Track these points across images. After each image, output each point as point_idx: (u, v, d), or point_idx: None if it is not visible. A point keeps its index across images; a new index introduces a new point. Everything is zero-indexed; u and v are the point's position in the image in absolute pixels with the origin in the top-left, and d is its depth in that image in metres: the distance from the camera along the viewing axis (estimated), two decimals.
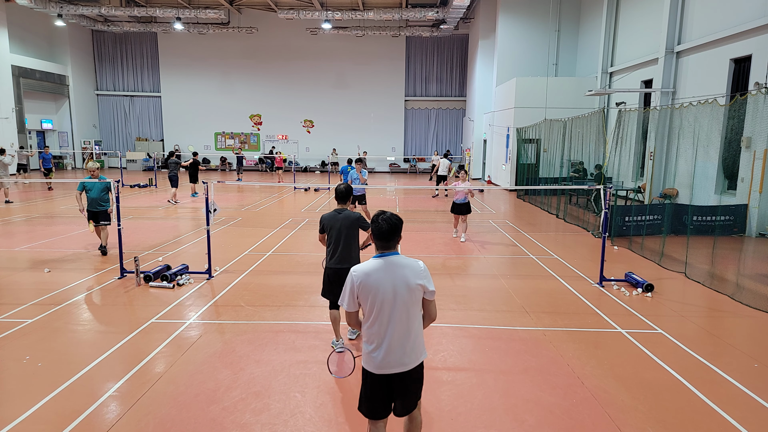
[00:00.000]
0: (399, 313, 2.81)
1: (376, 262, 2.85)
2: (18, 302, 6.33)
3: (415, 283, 2.82)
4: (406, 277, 2.81)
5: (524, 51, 22.39)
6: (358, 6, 25.25)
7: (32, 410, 3.90)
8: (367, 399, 2.94)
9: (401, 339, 2.82)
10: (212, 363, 4.75)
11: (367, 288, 2.80)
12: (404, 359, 2.84)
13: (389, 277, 2.80)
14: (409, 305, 2.83)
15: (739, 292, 7.00)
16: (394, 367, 2.83)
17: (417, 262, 2.91)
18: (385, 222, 2.86)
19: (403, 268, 2.84)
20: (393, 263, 2.84)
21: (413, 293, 2.83)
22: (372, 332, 2.85)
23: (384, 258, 2.86)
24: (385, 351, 2.82)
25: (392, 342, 2.81)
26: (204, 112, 31.77)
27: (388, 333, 2.81)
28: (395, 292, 2.79)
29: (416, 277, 2.83)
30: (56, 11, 23.86)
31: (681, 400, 4.17)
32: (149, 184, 21.44)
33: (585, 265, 8.53)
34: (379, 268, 2.82)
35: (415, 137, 32.29)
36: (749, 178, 10.57)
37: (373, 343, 2.85)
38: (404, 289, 2.80)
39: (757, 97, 9.71)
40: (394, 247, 2.91)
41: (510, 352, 5.09)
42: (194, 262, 8.14)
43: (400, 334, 2.82)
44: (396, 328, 2.81)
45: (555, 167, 16.55)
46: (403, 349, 2.83)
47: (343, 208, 5.00)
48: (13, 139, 24.21)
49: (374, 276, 2.80)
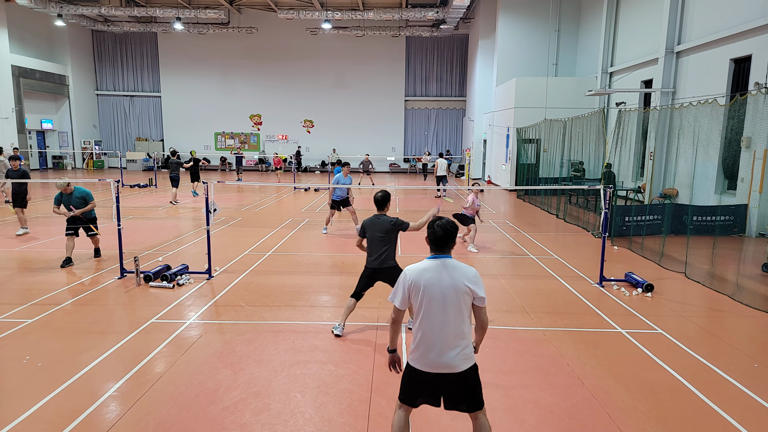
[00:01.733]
0: (446, 314, 2.87)
1: (430, 262, 2.96)
2: (18, 302, 6.33)
3: (464, 286, 2.89)
4: (455, 280, 2.89)
5: (524, 51, 22.39)
6: (358, 6, 25.25)
7: (32, 410, 3.90)
8: (403, 386, 3.07)
9: (445, 340, 2.88)
10: (212, 363, 4.75)
11: (417, 286, 2.90)
12: (448, 361, 2.89)
13: (439, 278, 2.89)
14: (456, 308, 2.89)
15: (739, 292, 7.00)
16: (437, 367, 2.90)
17: (469, 268, 2.98)
18: (440, 228, 2.98)
19: (455, 270, 2.92)
20: (445, 265, 2.94)
21: (462, 296, 2.89)
22: (417, 331, 2.94)
23: (437, 260, 2.96)
24: (426, 349, 2.90)
25: (435, 341, 2.88)
26: (204, 112, 31.78)
27: (432, 332, 2.88)
28: (444, 293, 2.88)
29: (466, 281, 2.90)
30: (56, 11, 23.86)
31: (681, 400, 4.17)
32: (149, 184, 21.44)
33: (585, 265, 8.53)
34: (431, 269, 2.92)
35: (415, 137, 32.30)
36: (749, 178, 10.56)
37: (419, 341, 2.93)
38: (452, 291, 2.88)
39: (757, 97, 9.71)
40: (448, 251, 3.01)
41: (510, 352, 5.09)
42: (194, 262, 8.14)
43: (444, 334, 2.87)
44: (441, 329, 2.87)
45: (555, 167, 16.55)
46: (446, 351, 2.88)
47: (381, 213, 5.42)
48: (13, 139, 24.21)
49: (426, 275, 2.90)
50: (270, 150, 31.68)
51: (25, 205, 10.65)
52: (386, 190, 5.51)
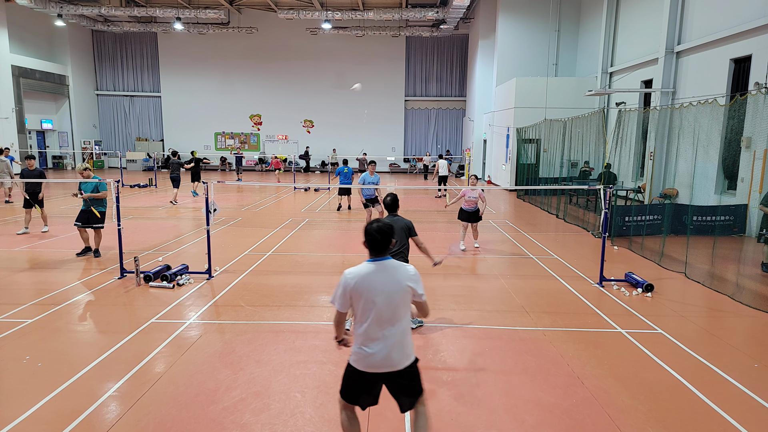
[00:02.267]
0: (390, 314, 2.93)
1: (370, 265, 2.98)
2: (18, 302, 6.33)
3: (406, 286, 2.97)
4: (398, 280, 2.96)
5: (524, 51, 22.39)
6: (358, 6, 25.25)
7: (32, 410, 3.90)
8: (346, 386, 3.11)
9: (392, 339, 2.94)
10: (212, 363, 4.75)
11: (360, 289, 2.92)
12: (396, 359, 2.96)
13: (383, 280, 2.94)
14: (399, 307, 2.96)
15: (739, 292, 7.00)
16: (385, 366, 2.95)
17: (409, 267, 3.07)
18: (377, 232, 2.99)
19: (395, 271, 2.98)
20: (386, 266, 2.98)
21: (404, 296, 2.97)
22: (362, 333, 2.96)
23: (377, 262, 2.99)
24: (376, 350, 2.93)
25: (384, 342, 2.93)
26: (204, 112, 31.78)
27: (380, 334, 2.93)
28: (387, 294, 2.92)
29: (407, 280, 2.98)
30: (56, 11, 23.86)
31: (681, 400, 4.17)
32: (149, 184, 21.45)
33: (585, 265, 8.53)
34: (374, 271, 2.95)
35: (415, 137, 32.30)
36: (749, 178, 10.56)
37: (364, 343, 2.96)
38: (396, 291, 2.94)
39: (757, 97, 9.70)
40: (386, 253, 3.04)
41: (510, 352, 5.09)
42: (194, 262, 8.14)
43: (388, 335, 2.93)
44: (385, 329, 2.93)
45: (555, 167, 16.55)
46: (394, 349, 2.95)
47: (395, 215, 5.51)
48: (13, 139, 24.21)
49: (368, 279, 2.93)
50: (270, 150, 31.69)
51: (42, 204, 10.75)
52: (395, 194, 5.61)
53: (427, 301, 3.13)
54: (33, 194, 10.55)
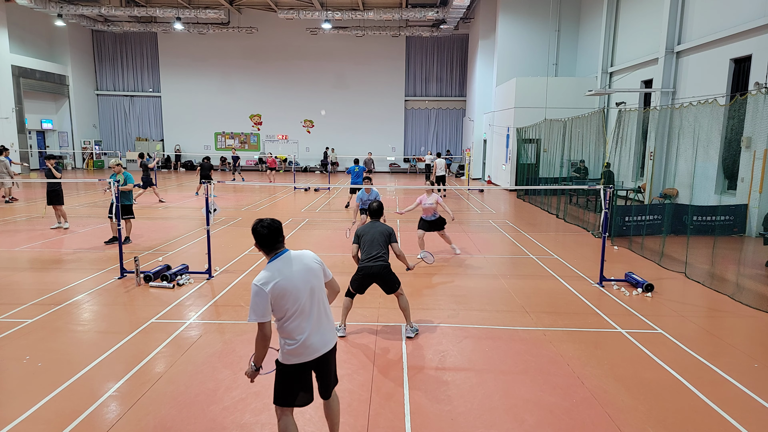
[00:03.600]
0: (315, 298, 3.04)
1: (276, 263, 2.99)
2: (18, 302, 6.33)
3: (315, 265, 3.10)
4: (307, 265, 3.06)
5: (524, 51, 22.39)
6: (358, 6, 25.25)
7: (32, 410, 3.90)
8: (284, 391, 3.10)
9: (322, 321, 3.08)
10: (212, 363, 4.75)
11: (279, 289, 2.91)
12: (327, 338, 3.11)
13: (295, 271, 2.98)
14: (319, 289, 3.09)
15: (739, 292, 7.00)
16: (321, 349, 3.07)
17: (307, 251, 3.20)
18: (264, 228, 3.02)
19: (300, 257, 3.07)
20: (290, 258, 3.03)
21: (317, 276, 3.10)
22: (294, 327, 2.98)
23: (280, 258, 3.01)
24: (311, 337, 3.01)
25: (315, 327, 3.03)
26: (204, 112, 31.78)
27: (310, 321, 3.01)
28: (305, 280, 3.00)
29: (314, 261, 3.12)
30: (56, 11, 23.86)
31: (681, 400, 4.17)
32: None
33: (585, 265, 8.53)
34: (282, 267, 2.97)
35: (415, 137, 32.30)
36: (749, 178, 10.56)
37: (298, 335, 2.99)
38: (311, 275, 3.04)
39: (757, 97, 9.70)
40: (281, 246, 3.08)
41: (510, 352, 5.09)
42: (194, 262, 8.14)
43: (320, 317, 3.06)
44: (316, 314, 3.04)
45: (555, 167, 16.55)
46: (325, 330, 3.09)
47: (376, 220, 5.58)
48: (13, 139, 24.21)
49: (281, 275, 2.93)
50: (271, 150, 31.68)
51: (61, 202, 11.19)
52: (381, 201, 5.72)
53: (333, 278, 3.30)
54: (50, 192, 11.03)
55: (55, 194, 11.08)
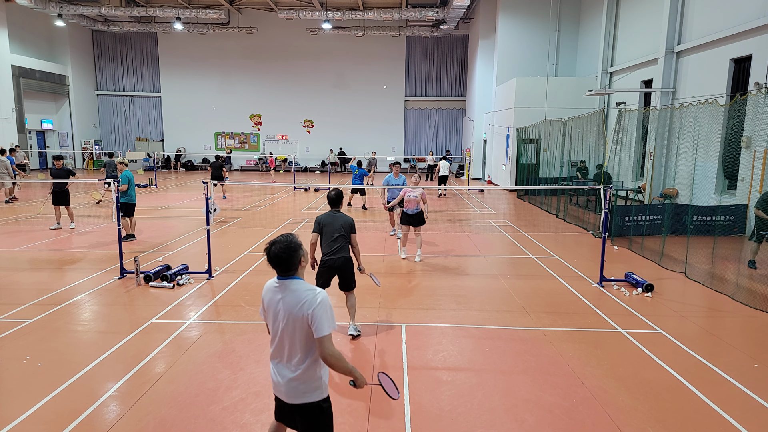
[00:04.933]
0: (284, 339, 2.69)
1: (275, 282, 2.75)
2: (18, 302, 6.33)
3: (300, 314, 2.62)
4: (290, 306, 2.64)
5: (524, 51, 22.39)
6: (358, 6, 25.25)
7: (32, 410, 3.90)
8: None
9: (283, 367, 2.71)
10: (212, 363, 4.75)
11: (265, 303, 2.79)
12: (287, 390, 2.70)
13: (278, 300, 2.70)
14: (293, 335, 2.65)
15: (739, 292, 7.00)
16: (279, 392, 2.76)
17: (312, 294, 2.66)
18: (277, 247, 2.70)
19: (291, 294, 2.66)
20: (286, 288, 2.70)
21: (298, 324, 2.63)
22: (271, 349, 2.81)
23: (282, 281, 2.72)
24: (272, 371, 2.78)
25: (276, 365, 2.75)
26: (204, 112, 31.78)
27: (275, 355, 2.75)
28: (280, 317, 2.68)
29: (300, 309, 2.61)
30: (56, 11, 23.86)
31: (681, 400, 4.17)
32: (149, 184, 21.44)
33: (585, 265, 8.53)
34: (275, 289, 2.74)
35: (415, 137, 32.30)
36: (749, 178, 10.56)
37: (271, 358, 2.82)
38: (289, 317, 2.64)
39: (757, 97, 9.70)
40: (294, 273, 2.73)
41: (510, 352, 5.09)
42: (194, 262, 8.14)
43: (282, 360, 2.72)
44: (279, 354, 2.72)
45: (555, 167, 16.55)
46: (284, 378, 2.69)
47: (337, 210, 5.44)
48: (13, 139, 24.21)
49: (270, 295, 2.76)
50: (271, 150, 31.68)
51: (68, 203, 11.25)
52: (340, 189, 5.53)
53: (331, 346, 2.58)
54: (59, 193, 11.08)
55: (63, 195, 11.11)
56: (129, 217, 9.97)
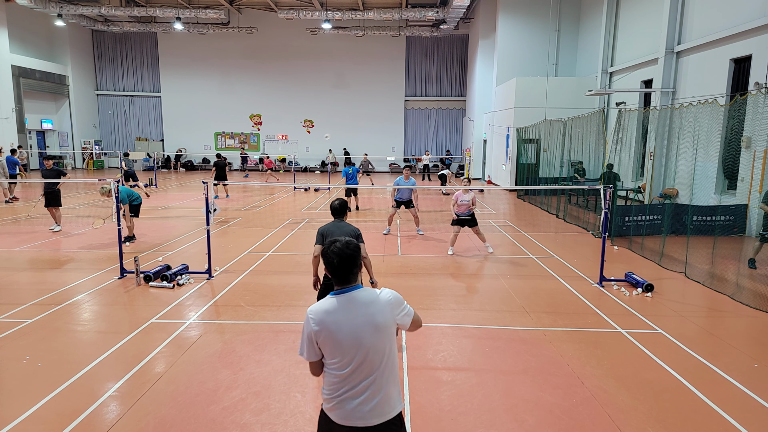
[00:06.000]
0: (365, 359, 2.33)
1: (335, 300, 2.38)
2: (18, 302, 6.33)
3: (384, 322, 2.37)
4: (372, 317, 2.35)
5: (524, 51, 22.39)
6: (358, 6, 25.25)
7: (32, 410, 3.90)
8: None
9: (368, 389, 2.35)
10: (212, 363, 4.75)
11: (326, 331, 2.33)
12: (371, 411, 2.37)
13: (351, 319, 2.34)
14: (378, 349, 2.35)
15: (739, 292, 7.00)
16: (359, 419, 2.37)
17: (385, 294, 2.44)
18: (335, 255, 2.37)
19: (368, 306, 2.37)
20: (354, 301, 2.37)
21: (383, 333, 2.36)
22: (334, 380, 2.38)
23: (344, 295, 2.39)
24: (342, 400, 2.36)
25: (352, 392, 2.35)
26: (204, 112, 31.78)
27: (347, 381, 2.35)
28: (359, 335, 2.33)
29: (382, 315, 2.37)
30: (56, 11, 23.86)
31: (681, 400, 4.17)
32: (149, 184, 21.44)
33: (585, 265, 8.53)
34: (339, 308, 2.35)
35: (415, 137, 32.30)
36: (749, 178, 10.56)
37: (336, 391, 2.38)
38: (371, 331, 2.34)
39: (757, 97, 9.70)
40: (354, 280, 2.43)
41: (510, 352, 5.09)
42: (194, 262, 8.14)
43: (367, 383, 2.35)
44: (361, 377, 2.35)
45: (555, 167, 16.55)
46: (365, 402, 2.35)
47: (341, 220, 5.10)
48: (13, 139, 24.22)
49: (334, 317, 2.34)
50: (271, 150, 31.70)
51: (59, 204, 11.13)
52: (343, 199, 5.16)
53: (415, 314, 2.59)
54: (50, 193, 10.95)
55: (53, 196, 10.91)
56: (135, 216, 9.98)
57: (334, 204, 5.15)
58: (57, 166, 11.13)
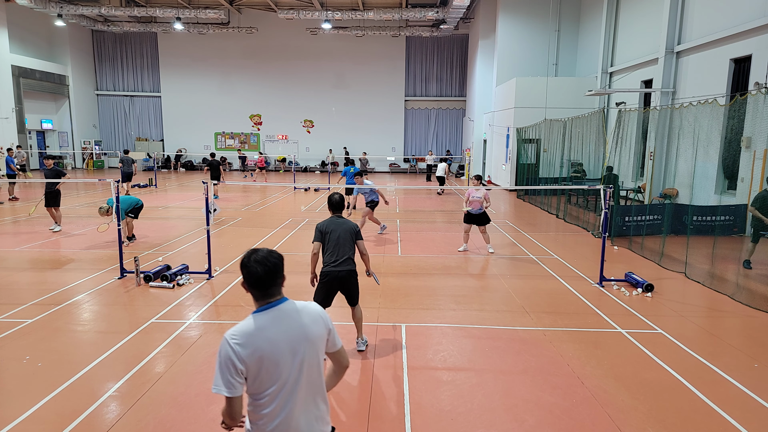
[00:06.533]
0: (300, 375, 2.11)
1: (263, 317, 2.10)
2: (18, 302, 6.33)
3: (318, 333, 2.17)
4: (306, 327, 2.14)
5: (524, 51, 22.39)
6: (358, 6, 25.25)
7: (32, 410, 3.90)
8: None
9: (306, 409, 2.15)
10: (212, 363, 4.73)
11: (259, 354, 2.03)
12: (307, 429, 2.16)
13: (283, 333, 2.09)
14: (311, 363, 2.14)
15: (739, 292, 7.00)
16: None
17: (312, 305, 2.25)
18: (258, 264, 2.13)
19: (300, 315, 2.16)
20: (286, 313, 2.13)
21: (317, 346, 2.17)
22: (264, 406, 2.08)
23: (271, 310, 2.12)
24: (279, 426, 2.09)
25: (294, 415, 2.11)
26: (204, 112, 31.78)
27: (288, 405, 2.10)
28: (294, 351, 2.09)
29: (316, 326, 2.18)
30: (56, 11, 23.86)
31: (681, 400, 4.17)
32: (149, 184, 21.45)
33: (585, 265, 8.53)
34: (271, 324, 2.09)
35: (415, 137, 32.29)
36: (749, 178, 10.56)
37: (267, 419, 2.09)
38: (305, 344, 2.12)
39: (757, 97, 9.70)
40: (278, 293, 2.18)
41: (510, 352, 5.09)
42: (194, 262, 8.14)
43: (304, 403, 2.14)
44: (299, 397, 2.12)
45: (555, 167, 16.55)
46: (307, 421, 2.15)
47: (339, 216, 5.01)
48: (13, 139, 24.22)
49: (266, 335, 2.06)
50: (271, 150, 31.71)
51: (58, 204, 11.15)
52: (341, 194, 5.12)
53: (344, 350, 2.33)
54: (50, 193, 10.96)
55: (52, 196, 10.92)
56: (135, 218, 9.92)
57: (334, 198, 5.03)
58: (57, 166, 11.12)
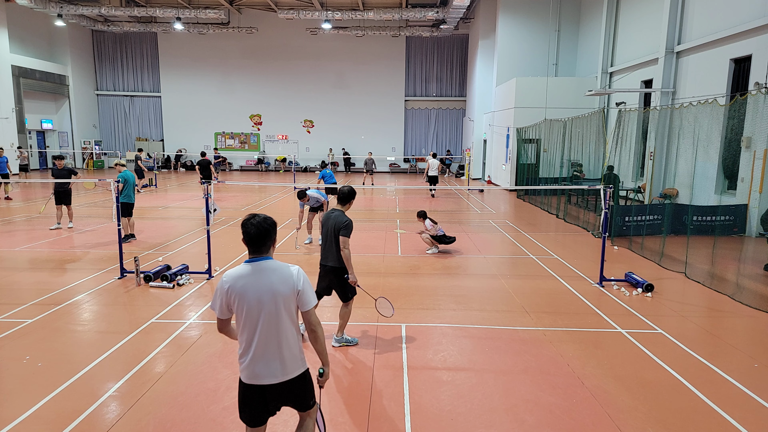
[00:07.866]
0: (265, 322, 2.66)
1: (246, 267, 2.71)
2: (18, 302, 6.33)
3: (282, 291, 2.66)
4: (272, 284, 2.66)
5: (524, 51, 22.39)
6: (358, 6, 25.25)
7: (32, 410, 3.90)
8: (242, 406, 2.87)
9: (269, 350, 2.69)
10: (212, 363, 4.75)
11: (234, 293, 2.66)
12: (274, 371, 2.71)
13: (256, 284, 2.65)
14: (276, 314, 2.66)
15: (739, 292, 7.00)
16: (263, 378, 2.71)
17: (288, 268, 2.74)
18: (254, 227, 2.72)
19: (272, 273, 2.68)
20: (262, 269, 2.69)
21: (281, 301, 2.66)
22: (242, 340, 2.75)
23: (255, 263, 2.71)
24: (251, 360, 2.72)
25: (258, 352, 2.69)
26: (204, 112, 31.78)
27: (254, 342, 2.69)
28: (260, 299, 2.64)
29: (284, 284, 2.67)
30: (56, 11, 23.86)
31: (681, 400, 4.17)
32: (149, 184, 21.44)
33: (585, 265, 8.53)
34: (248, 274, 2.67)
35: (415, 137, 32.30)
36: (749, 178, 10.56)
37: (242, 351, 2.76)
38: (270, 296, 2.65)
39: (757, 97, 9.70)
40: (266, 252, 2.75)
41: (510, 352, 5.09)
42: (194, 262, 8.13)
43: (266, 344, 2.68)
44: (262, 338, 2.68)
45: (555, 167, 16.55)
46: (271, 361, 2.70)
47: (339, 209, 4.97)
48: (13, 139, 24.22)
49: (242, 281, 2.66)
50: (271, 150, 31.70)
51: (69, 203, 11.36)
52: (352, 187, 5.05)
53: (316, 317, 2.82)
54: (62, 192, 11.19)
55: (65, 194, 11.22)
56: (127, 217, 9.96)
57: (343, 190, 5.01)
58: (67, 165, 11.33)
